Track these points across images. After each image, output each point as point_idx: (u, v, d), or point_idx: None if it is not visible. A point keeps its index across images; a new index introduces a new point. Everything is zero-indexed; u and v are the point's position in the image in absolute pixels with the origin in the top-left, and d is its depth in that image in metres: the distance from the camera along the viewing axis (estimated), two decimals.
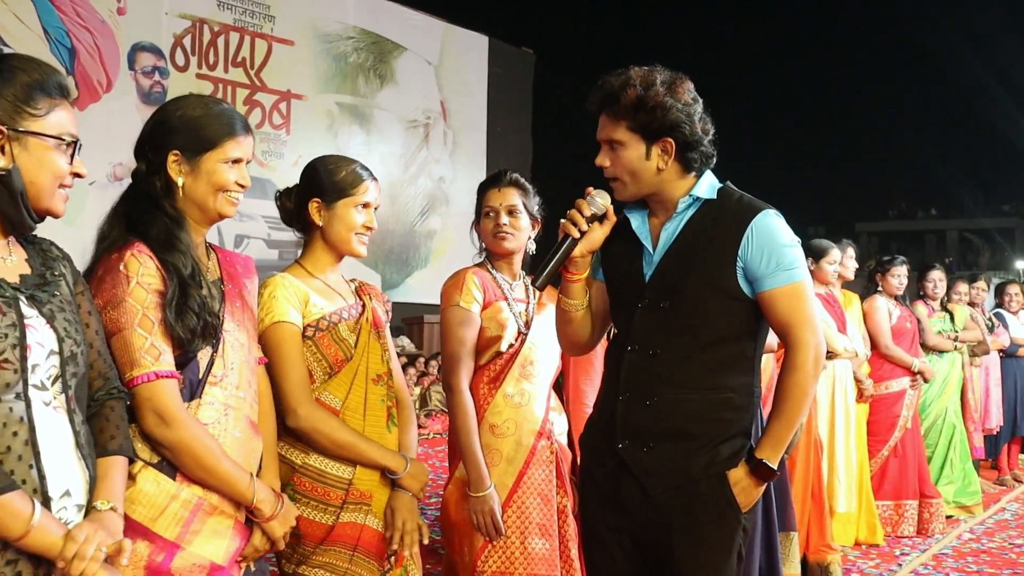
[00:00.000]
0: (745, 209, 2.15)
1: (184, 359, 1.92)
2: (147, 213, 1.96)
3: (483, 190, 2.87)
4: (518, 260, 2.87)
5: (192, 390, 1.93)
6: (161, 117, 2.02)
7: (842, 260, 5.23)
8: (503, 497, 2.66)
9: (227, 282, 2.07)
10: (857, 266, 5.52)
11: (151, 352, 1.84)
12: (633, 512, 2.17)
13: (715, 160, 2.20)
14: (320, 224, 2.38)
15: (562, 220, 2.19)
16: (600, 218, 2.20)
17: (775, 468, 2.10)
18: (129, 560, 1.80)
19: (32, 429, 1.57)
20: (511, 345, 2.76)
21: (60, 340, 1.64)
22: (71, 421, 1.65)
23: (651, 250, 2.19)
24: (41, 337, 1.61)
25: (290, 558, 2.26)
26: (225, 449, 1.93)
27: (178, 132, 1.98)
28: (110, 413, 1.77)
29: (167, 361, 1.86)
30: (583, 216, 2.17)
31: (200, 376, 1.95)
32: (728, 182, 2.24)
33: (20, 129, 1.62)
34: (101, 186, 8.09)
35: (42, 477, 1.57)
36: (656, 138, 2.11)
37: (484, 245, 2.88)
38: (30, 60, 1.68)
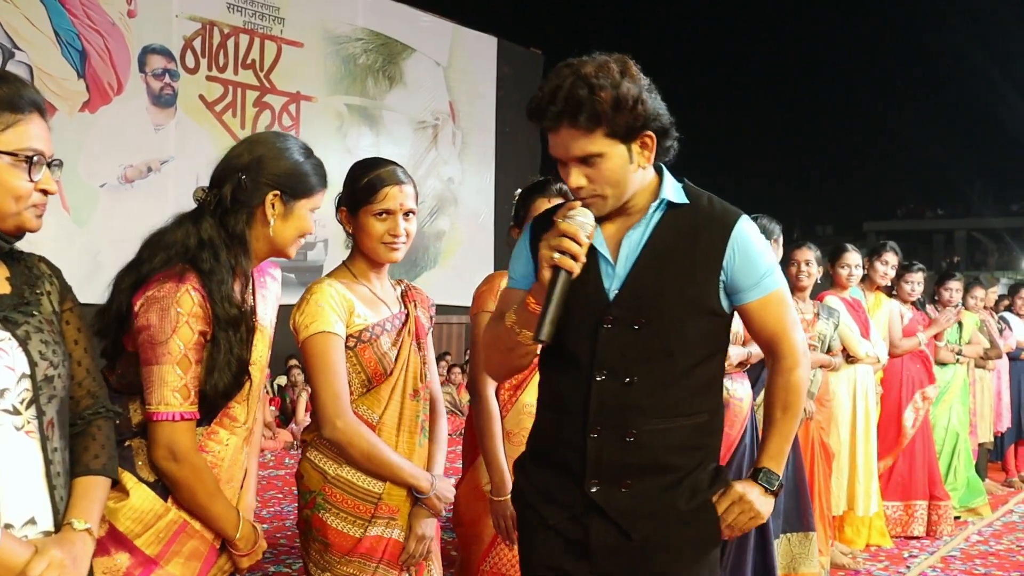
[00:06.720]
0: (723, 216, 1.93)
1: None
2: (218, 252, 1.94)
3: (532, 198, 2.81)
4: None
5: (209, 416, 1.96)
6: (264, 153, 2.00)
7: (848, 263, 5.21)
8: None
9: (257, 289, 2.11)
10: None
11: (182, 392, 1.87)
12: (602, 560, 1.92)
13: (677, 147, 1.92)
14: (351, 232, 2.37)
15: (549, 253, 1.77)
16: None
17: (780, 475, 1.98)
18: (109, 570, 1.84)
19: None
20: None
21: (32, 364, 1.57)
22: (43, 447, 1.59)
23: (611, 260, 1.91)
24: (11, 361, 1.55)
25: (317, 563, 2.28)
26: (222, 474, 1.97)
27: (285, 175, 2.00)
28: (96, 432, 1.74)
29: (194, 402, 1.90)
30: (580, 244, 1.78)
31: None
32: (685, 179, 1.99)
33: None
34: (112, 188, 7.89)
35: None
36: (635, 136, 1.83)
37: None
38: None
